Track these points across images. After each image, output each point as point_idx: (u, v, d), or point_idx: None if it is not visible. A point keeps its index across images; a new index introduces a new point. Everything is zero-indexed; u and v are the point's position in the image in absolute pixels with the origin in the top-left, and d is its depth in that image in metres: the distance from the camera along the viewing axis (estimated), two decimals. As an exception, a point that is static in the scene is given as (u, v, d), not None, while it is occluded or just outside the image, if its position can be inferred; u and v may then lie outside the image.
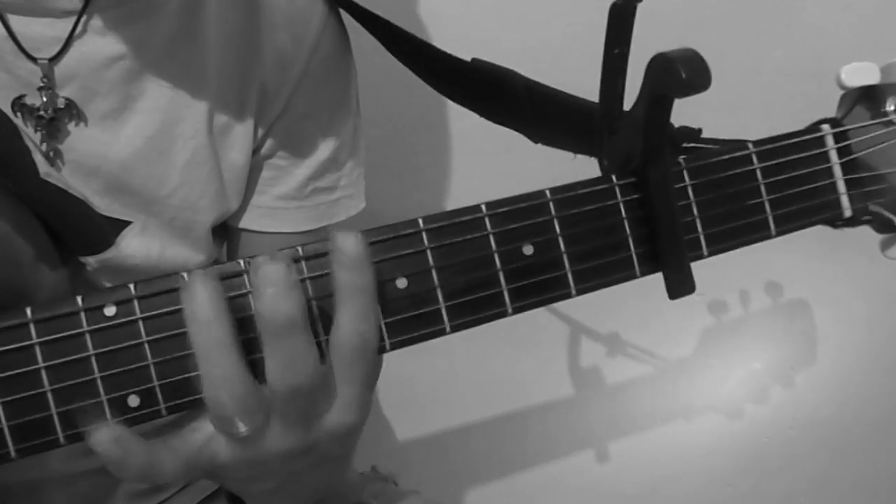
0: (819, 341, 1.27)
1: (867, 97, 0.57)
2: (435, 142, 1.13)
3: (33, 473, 0.66)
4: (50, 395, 0.43)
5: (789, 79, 1.08)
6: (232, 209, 0.71)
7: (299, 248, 0.46)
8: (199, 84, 0.65)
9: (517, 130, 0.73)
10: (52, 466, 0.67)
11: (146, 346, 0.44)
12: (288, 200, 0.73)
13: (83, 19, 0.58)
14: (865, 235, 0.62)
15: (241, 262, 0.45)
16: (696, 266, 0.52)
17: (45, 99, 0.58)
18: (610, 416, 1.29)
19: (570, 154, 0.69)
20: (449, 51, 0.73)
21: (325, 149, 0.74)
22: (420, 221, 0.48)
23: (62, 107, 0.59)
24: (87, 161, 0.61)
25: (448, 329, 0.48)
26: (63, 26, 0.58)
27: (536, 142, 0.72)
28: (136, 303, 0.44)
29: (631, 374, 1.26)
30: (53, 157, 0.59)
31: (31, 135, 0.58)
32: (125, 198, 0.63)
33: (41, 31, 0.57)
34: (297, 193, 0.73)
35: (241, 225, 0.74)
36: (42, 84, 0.58)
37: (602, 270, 0.51)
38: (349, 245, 0.43)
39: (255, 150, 0.71)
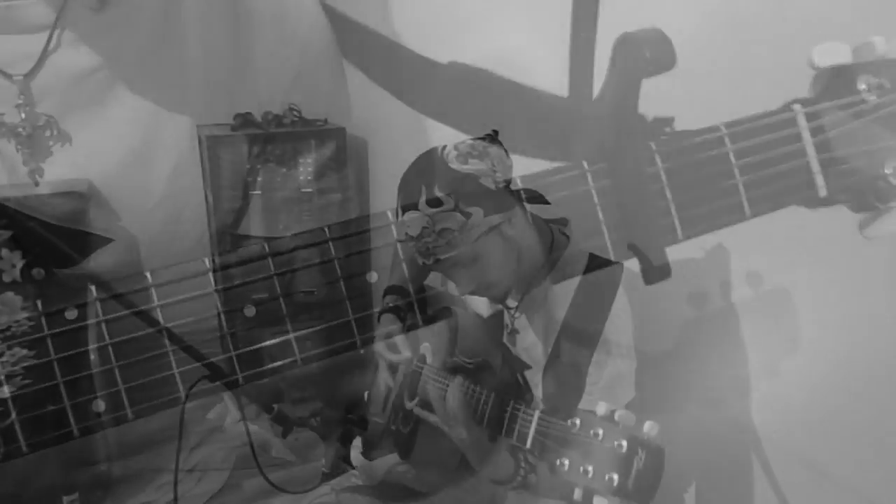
0: (805, 338, 1.27)
1: (839, 77, 0.56)
2: (424, 147, 1.12)
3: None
4: (10, 403, 0.42)
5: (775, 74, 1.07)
6: (221, 222, 0.69)
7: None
8: (181, 92, 0.64)
9: None
10: None
11: (109, 349, 0.43)
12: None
13: (56, 33, 0.57)
14: (850, 227, 0.61)
15: None
16: (675, 259, 0.52)
17: (23, 116, 0.58)
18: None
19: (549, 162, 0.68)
20: (423, 55, 0.72)
21: None
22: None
23: (41, 123, 0.58)
24: (69, 175, 0.60)
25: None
26: (37, 41, 0.57)
27: None
28: (98, 305, 0.43)
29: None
30: (35, 174, 0.59)
31: (13, 152, 0.58)
32: (110, 213, 0.62)
33: (14, 48, 0.57)
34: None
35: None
36: (20, 101, 0.57)
37: (575, 258, 0.50)
38: None
39: None
